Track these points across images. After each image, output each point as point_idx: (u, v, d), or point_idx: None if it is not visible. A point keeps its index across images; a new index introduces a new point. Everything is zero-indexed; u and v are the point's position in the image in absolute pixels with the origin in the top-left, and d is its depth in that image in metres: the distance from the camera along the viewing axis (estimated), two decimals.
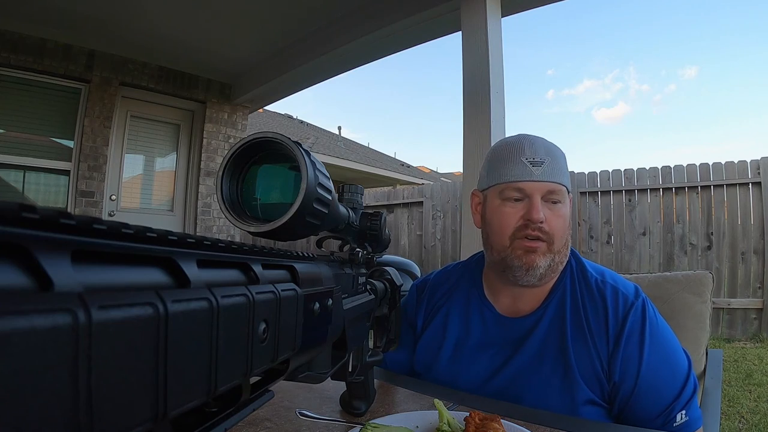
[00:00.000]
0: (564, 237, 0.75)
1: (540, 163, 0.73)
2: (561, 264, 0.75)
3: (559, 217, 0.74)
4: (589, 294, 0.76)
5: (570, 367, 0.70)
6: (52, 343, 0.11)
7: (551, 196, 0.73)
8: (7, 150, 3.51)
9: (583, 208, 4.20)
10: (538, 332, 0.75)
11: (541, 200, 0.73)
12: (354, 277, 0.45)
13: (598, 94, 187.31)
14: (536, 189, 0.73)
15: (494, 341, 0.78)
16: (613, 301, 0.73)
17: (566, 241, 0.76)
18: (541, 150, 0.75)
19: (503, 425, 0.51)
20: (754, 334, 3.49)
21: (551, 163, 0.74)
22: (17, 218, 0.11)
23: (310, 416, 0.61)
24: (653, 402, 0.68)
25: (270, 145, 0.32)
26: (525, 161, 0.74)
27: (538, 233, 0.72)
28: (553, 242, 0.73)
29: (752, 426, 2.06)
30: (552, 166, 0.74)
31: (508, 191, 0.75)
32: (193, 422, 0.20)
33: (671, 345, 0.72)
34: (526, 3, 2.44)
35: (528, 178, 0.73)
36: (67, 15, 3.25)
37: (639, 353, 0.69)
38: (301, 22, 3.29)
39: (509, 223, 0.74)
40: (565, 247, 0.76)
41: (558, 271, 0.76)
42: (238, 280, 0.22)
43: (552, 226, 0.73)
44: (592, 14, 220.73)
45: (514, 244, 0.74)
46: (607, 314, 0.72)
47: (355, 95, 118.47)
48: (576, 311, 0.75)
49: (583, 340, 0.72)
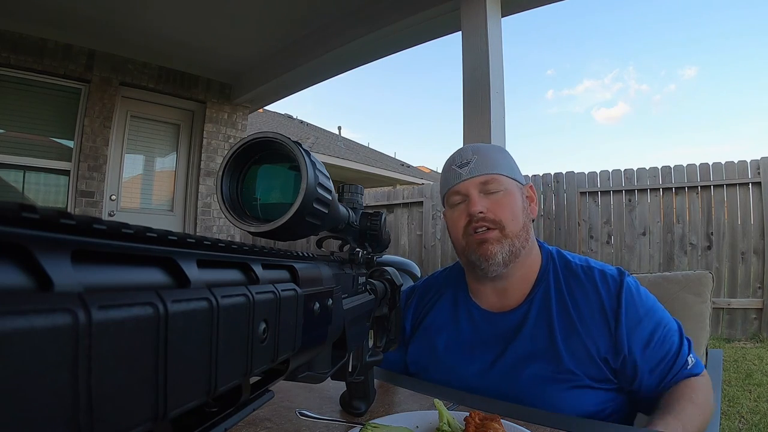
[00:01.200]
0: (516, 221, 0.78)
1: (466, 164, 0.80)
2: (522, 248, 0.78)
3: (503, 204, 0.78)
4: (576, 282, 0.79)
5: (560, 358, 0.73)
6: (52, 343, 0.11)
7: (486, 186, 0.78)
8: (7, 150, 3.51)
9: (583, 208, 4.20)
10: (526, 327, 0.78)
11: (480, 193, 0.78)
12: (354, 277, 0.45)
13: (598, 94, 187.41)
14: (469, 185, 0.79)
15: (484, 338, 0.81)
16: (603, 283, 0.77)
17: (523, 225, 0.79)
18: (468, 152, 0.81)
19: (503, 425, 0.51)
20: (754, 334, 3.49)
21: (478, 160, 0.80)
22: (17, 218, 0.11)
23: (310, 416, 0.61)
24: (662, 350, 0.73)
25: (270, 145, 0.32)
26: (454, 167, 0.82)
27: (482, 224, 0.77)
28: (504, 227, 0.77)
29: (752, 426, 2.06)
30: (479, 162, 0.79)
31: (450, 198, 0.82)
32: (193, 422, 0.20)
33: (661, 309, 0.78)
34: (526, 3, 2.44)
35: (458, 180, 0.80)
36: (67, 15, 3.25)
37: (638, 321, 0.74)
38: (301, 22, 3.29)
39: (458, 224, 0.80)
40: (523, 230, 0.79)
41: (520, 255, 0.78)
42: (238, 280, 0.22)
43: (497, 213, 0.77)
44: (592, 14, 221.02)
45: (468, 240, 0.79)
46: (601, 296, 0.76)
47: (355, 95, 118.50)
48: (562, 302, 0.78)
49: (572, 329, 0.75)
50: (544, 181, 4.40)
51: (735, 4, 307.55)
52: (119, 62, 3.91)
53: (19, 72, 3.51)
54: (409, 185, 7.92)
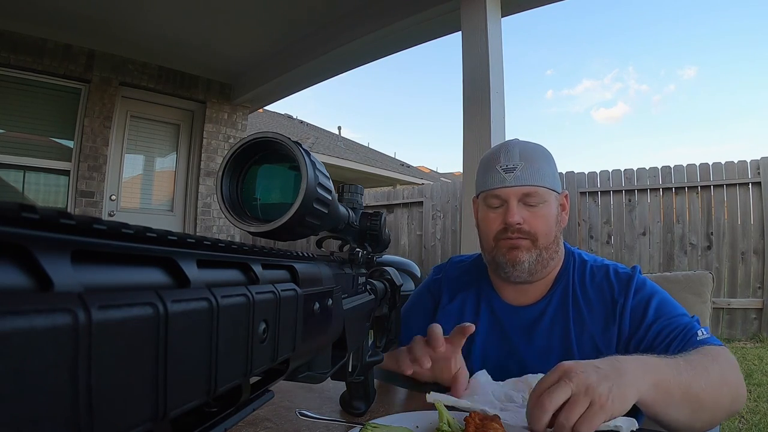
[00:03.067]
0: (549, 234, 0.79)
1: (512, 169, 0.78)
2: (550, 259, 0.80)
3: (540, 217, 0.78)
4: (593, 280, 0.81)
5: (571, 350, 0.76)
6: (52, 343, 0.11)
7: (527, 198, 0.78)
8: (7, 150, 3.50)
9: (583, 208, 4.20)
10: (544, 323, 0.80)
11: (519, 203, 0.78)
12: (354, 277, 0.45)
13: (598, 94, 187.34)
14: (511, 194, 0.78)
15: (503, 329, 0.84)
16: (615, 277, 0.79)
17: (555, 237, 0.80)
18: (515, 156, 0.79)
19: (503, 425, 0.51)
20: (754, 334, 3.49)
21: (525, 167, 0.77)
22: (17, 218, 0.11)
23: (310, 416, 0.61)
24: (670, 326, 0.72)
25: (270, 145, 0.32)
26: (499, 169, 0.79)
27: (518, 234, 0.78)
28: (537, 239, 0.78)
29: (752, 426, 2.06)
30: (526, 170, 0.77)
31: (488, 199, 0.81)
32: (193, 422, 0.20)
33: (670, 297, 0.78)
34: (526, 3, 2.43)
35: (501, 185, 0.78)
36: (67, 15, 3.25)
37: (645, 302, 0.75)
38: (301, 22, 3.29)
39: (492, 227, 0.80)
40: (554, 243, 0.80)
41: (548, 266, 0.80)
42: (238, 280, 0.22)
43: (532, 226, 0.78)
44: (591, 14, 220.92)
45: (498, 243, 0.80)
46: (613, 287, 0.78)
47: (355, 95, 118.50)
48: (576, 300, 0.80)
49: (583, 325, 0.77)
50: None
51: (735, 4, 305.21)
52: (119, 62, 3.90)
53: (19, 72, 3.51)
54: (409, 185, 7.92)
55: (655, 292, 0.77)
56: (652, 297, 0.76)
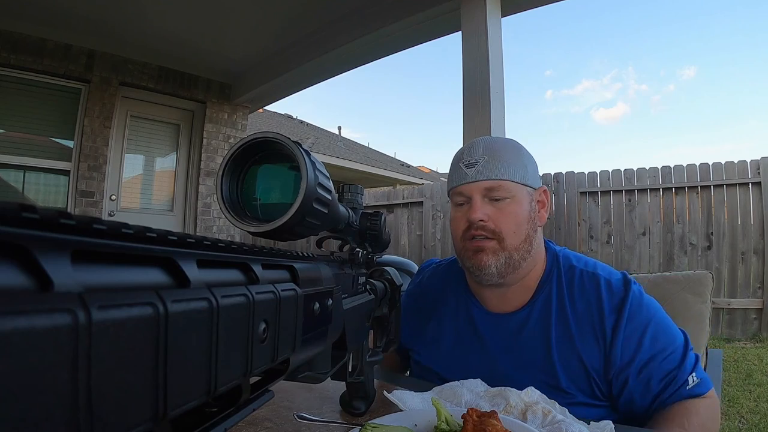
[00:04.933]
0: (518, 232, 0.73)
1: (474, 164, 0.74)
2: (523, 260, 0.74)
3: (506, 213, 0.72)
4: (580, 288, 0.75)
5: (555, 373, 0.70)
6: (52, 343, 0.11)
7: (491, 193, 0.73)
8: (7, 150, 3.50)
9: (583, 208, 4.20)
10: (524, 334, 0.75)
11: (484, 198, 0.73)
12: (354, 277, 0.45)
13: (597, 94, 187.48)
14: (473, 189, 0.73)
15: (482, 340, 0.79)
16: (607, 292, 0.73)
17: (526, 236, 0.74)
18: (479, 151, 0.75)
19: (501, 420, 0.51)
20: (754, 334, 3.49)
21: (487, 161, 0.73)
22: (17, 218, 0.11)
23: (308, 418, 0.61)
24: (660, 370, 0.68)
25: (270, 145, 0.32)
26: (461, 165, 0.75)
27: (481, 232, 0.73)
28: (503, 239, 0.72)
29: (752, 426, 2.06)
30: (488, 164, 0.73)
31: (454, 197, 0.77)
32: (193, 422, 0.20)
33: (666, 321, 0.73)
34: (526, 3, 2.43)
35: (463, 181, 0.75)
36: (67, 15, 3.25)
37: (640, 333, 0.70)
38: (301, 22, 3.29)
39: (458, 226, 0.76)
40: (525, 242, 0.73)
41: (521, 267, 0.74)
42: (238, 280, 0.22)
43: (498, 224, 0.72)
44: (591, 14, 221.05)
45: (465, 245, 0.75)
46: (603, 305, 0.72)
47: (355, 95, 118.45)
48: (562, 311, 0.74)
49: (568, 340, 0.72)
50: (544, 181, 4.40)
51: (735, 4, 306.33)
52: (119, 62, 3.90)
53: (19, 72, 3.51)
54: (409, 185, 7.92)
55: (651, 317, 0.71)
56: (648, 325, 0.70)
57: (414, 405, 0.62)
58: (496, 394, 0.63)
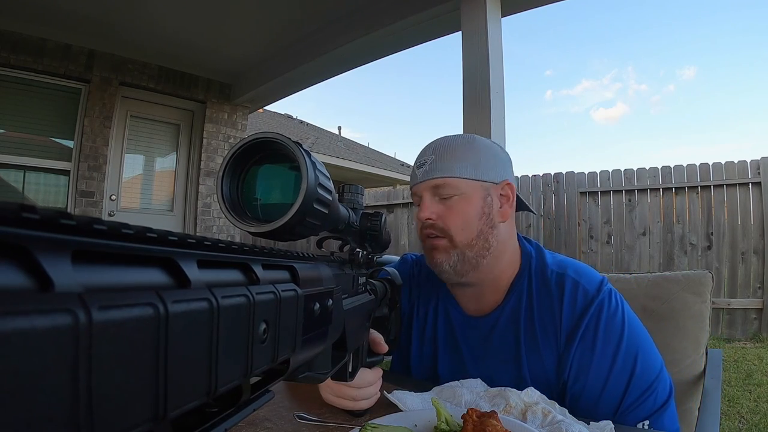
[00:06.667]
0: (468, 230, 0.71)
1: (423, 164, 0.74)
2: (480, 257, 0.72)
3: (454, 211, 0.71)
4: (546, 291, 0.72)
5: (523, 378, 0.69)
6: (52, 343, 0.11)
7: (439, 191, 0.72)
8: (7, 150, 3.50)
9: (583, 208, 4.20)
10: (493, 339, 0.74)
11: (434, 197, 0.73)
12: (354, 277, 0.45)
13: (597, 94, 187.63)
14: (423, 188, 0.74)
15: (456, 342, 0.78)
16: (571, 297, 0.69)
17: (480, 232, 0.71)
18: (428, 151, 0.75)
19: (501, 420, 0.51)
20: (754, 334, 3.49)
21: (435, 160, 0.73)
22: (17, 218, 0.11)
23: (308, 419, 0.61)
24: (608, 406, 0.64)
25: (270, 145, 0.32)
26: (414, 167, 0.77)
27: (431, 231, 0.73)
28: (452, 237, 0.71)
29: (752, 426, 2.06)
30: (435, 163, 0.72)
31: (413, 198, 0.78)
32: (193, 422, 0.20)
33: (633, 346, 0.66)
34: (526, 3, 2.43)
35: (414, 181, 0.76)
36: (67, 15, 3.25)
37: (592, 352, 0.66)
38: (301, 22, 3.29)
39: (418, 226, 0.77)
40: (479, 239, 0.71)
41: (480, 265, 0.72)
42: (238, 280, 0.22)
43: (446, 221, 0.71)
44: (591, 14, 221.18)
45: (424, 244, 0.77)
46: (562, 310, 0.69)
47: (355, 95, 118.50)
48: (530, 313, 0.72)
49: (534, 344, 0.70)
50: (544, 181, 4.40)
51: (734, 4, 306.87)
52: (119, 62, 3.90)
53: (19, 72, 3.51)
54: (409, 185, 7.90)
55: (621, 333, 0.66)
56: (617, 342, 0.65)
57: (414, 405, 0.62)
58: (496, 395, 0.63)
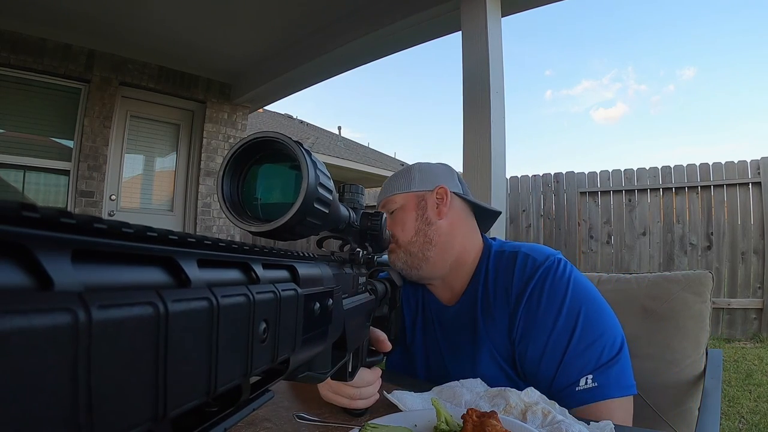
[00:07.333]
0: (406, 232, 0.83)
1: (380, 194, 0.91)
2: (426, 251, 0.82)
3: (396, 220, 0.85)
4: (502, 267, 0.80)
5: (478, 349, 0.76)
6: (52, 342, 0.11)
7: (386, 208, 0.87)
8: (7, 150, 3.51)
9: (583, 208, 4.20)
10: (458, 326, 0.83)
11: (388, 214, 0.86)
12: (354, 277, 0.45)
13: (597, 95, 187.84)
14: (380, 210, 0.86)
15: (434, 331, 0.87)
16: (521, 265, 0.77)
17: (416, 231, 0.83)
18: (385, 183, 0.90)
19: (501, 420, 0.51)
20: (754, 334, 3.49)
21: (382, 190, 0.90)
22: (18, 217, 0.11)
23: (308, 419, 0.61)
24: (551, 361, 0.69)
25: (271, 144, 0.32)
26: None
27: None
28: (397, 239, 0.84)
29: (752, 426, 2.06)
30: (382, 192, 0.89)
31: None
32: (193, 422, 0.19)
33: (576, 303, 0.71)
34: (526, 3, 2.43)
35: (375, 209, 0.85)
36: (67, 15, 3.25)
37: (537, 311, 0.72)
38: (301, 22, 3.29)
39: None
40: (417, 236, 0.83)
41: (428, 260, 0.82)
42: (238, 279, 0.22)
43: (392, 229, 0.85)
44: (591, 15, 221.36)
45: None
46: (513, 277, 0.76)
47: (355, 95, 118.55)
48: (486, 290, 0.80)
49: (490, 317, 0.77)
50: (544, 181, 4.40)
51: (734, 4, 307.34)
52: (119, 62, 3.90)
53: (19, 72, 3.51)
54: None
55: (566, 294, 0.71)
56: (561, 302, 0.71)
57: (414, 405, 0.62)
58: (495, 395, 0.63)
